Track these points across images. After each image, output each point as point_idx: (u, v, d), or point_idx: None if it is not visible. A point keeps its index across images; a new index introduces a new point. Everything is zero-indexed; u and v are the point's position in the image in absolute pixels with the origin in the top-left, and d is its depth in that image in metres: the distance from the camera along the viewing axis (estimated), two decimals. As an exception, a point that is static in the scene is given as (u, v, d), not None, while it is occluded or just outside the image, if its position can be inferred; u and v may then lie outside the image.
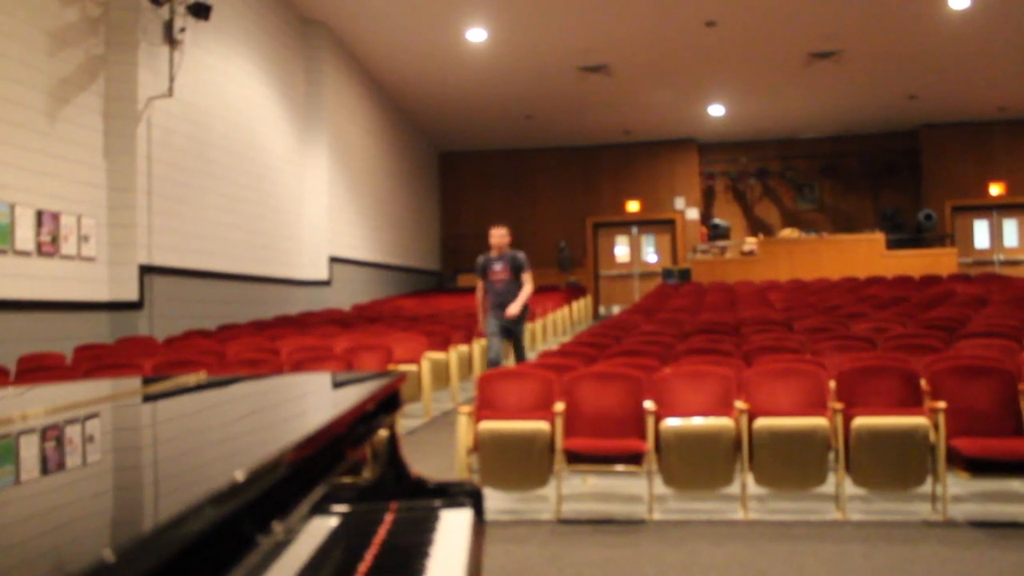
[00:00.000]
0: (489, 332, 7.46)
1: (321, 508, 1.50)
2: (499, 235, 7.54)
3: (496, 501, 4.71)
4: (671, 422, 4.44)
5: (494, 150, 20.00)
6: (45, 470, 1.26)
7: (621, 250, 20.03)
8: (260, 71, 11.36)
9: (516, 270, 7.49)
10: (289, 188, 12.24)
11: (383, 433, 2.04)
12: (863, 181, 19.27)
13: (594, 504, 4.78)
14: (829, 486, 4.42)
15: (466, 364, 8.57)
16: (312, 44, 12.78)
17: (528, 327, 10.98)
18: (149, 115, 8.76)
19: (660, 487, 4.53)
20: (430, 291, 17.61)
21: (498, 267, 7.50)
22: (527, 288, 7.45)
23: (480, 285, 7.65)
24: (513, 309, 7.38)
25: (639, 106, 16.82)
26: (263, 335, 8.60)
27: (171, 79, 8.99)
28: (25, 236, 7.39)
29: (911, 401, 4.66)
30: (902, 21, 12.60)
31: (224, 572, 1.02)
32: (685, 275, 16.24)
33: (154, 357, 6.85)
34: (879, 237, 16.02)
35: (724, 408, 4.61)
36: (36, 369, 6.56)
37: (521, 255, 7.56)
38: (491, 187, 19.93)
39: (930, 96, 16.36)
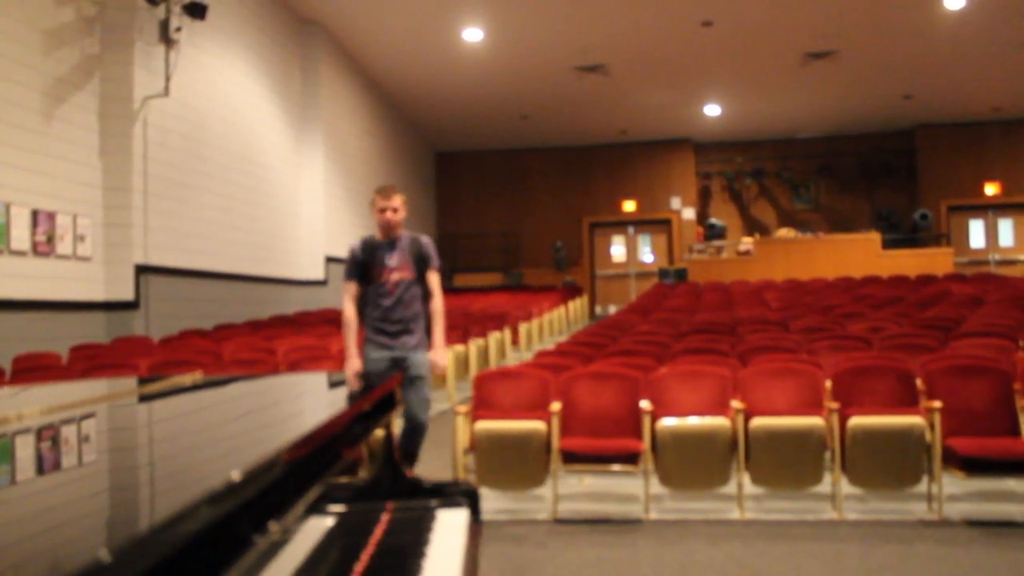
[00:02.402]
0: (369, 376, 4.06)
1: (317, 508, 1.50)
2: (392, 205, 4.40)
3: (492, 501, 4.71)
4: (667, 422, 4.44)
5: (490, 150, 20.00)
6: (41, 470, 1.26)
7: (617, 250, 20.04)
8: (256, 71, 11.34)
9: (420, 267, 4.46)
10: (285, 187, 12.22)
11: (379, 433, 2.04)
12: (859, 181, 19.31)
13: (590, 504, 4.78)
14: (825, 486, 4.43)
15: (462, 364, 8.57)
16: (308, 44, 12.76)
17: (524, 327, 10.94)
18: (145, 115, 8.74)
19: (656, 487, 4.53)
20: (426, 291, 17.57)
21: (392, 260, 4.42)
22: (439, 302, 4.47)
23: (350, 295, 4.45)
24: (439, 356, 4.44)
25: (635, 106, 16.83)
26: (259, 335, 8.59)
27: (167, 79, 8.97)
28: (21, 236, 7.37)
29: (907, 401, 4.67)
30: (898, 21, 12.62)
31: (221, 572, 1.02)
32: (681, 275, 16.25)
33: (150, 357, 6.83)
34: (875, 237, 16.06)
35: (720, 408, 4.61)
36: (32, 369, 6.55)
37: (426, 241, 4.55)
38: (487, 187, 19.92)
39: (926, 96, 16.40)
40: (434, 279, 4.50)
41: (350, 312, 4.43)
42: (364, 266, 4.45)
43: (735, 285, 13.26)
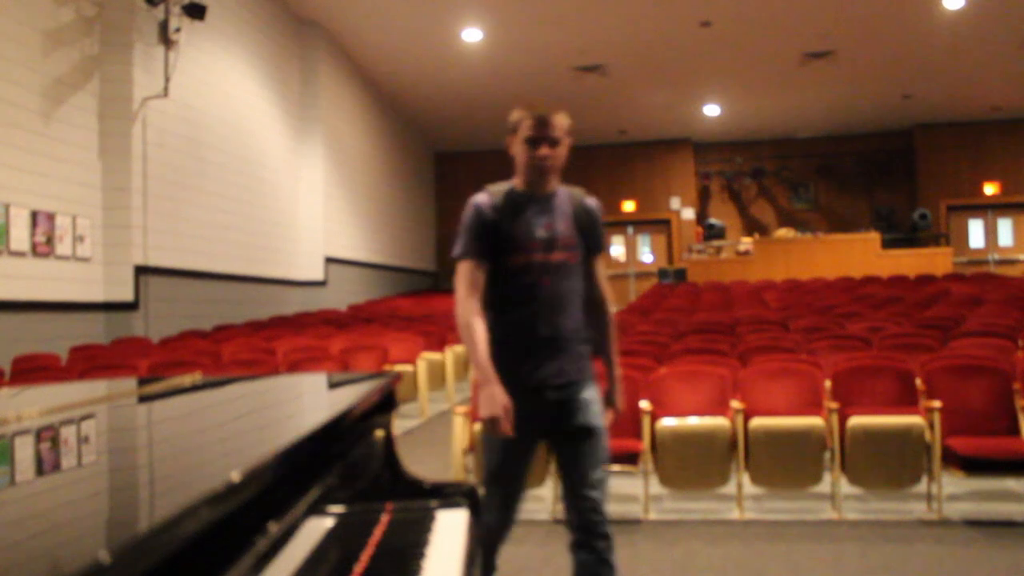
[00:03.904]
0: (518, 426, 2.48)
1: (317, 509, 1.50)
2: (551, 133, 2.73)
3: (492, 501, 4.70)
4: (667, 422, 4.44)
5: (490, 150, 19.89)
6: (41, 471, 1.26)
7: (617, 250, 20.04)
8: (256, 71, 11.34)
9: (591, 238, 2.68)
10: (285, 188, 12.22)
11: (379, 434, 2.04)
12: (858, 181, 19.31)
13: (590, 504, 4.77)
14: (825, 485, 4.43)
15: (462, 365, 8.57)
16: (307, 44, 12.76)
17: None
18: (144, 115, 8.73)
19: (656, 487, 4.53)
20: (425, 291, 17.60)
21: (549, 230, 2.62)
22: (610, 305, 2.71)
23: (474, 283, 2.53)
24: (621, 399, 2.71)
25: (634, 106, 16.83)
26: (259, 336, 8.59)
27: (166, 79, 8.97)
28: (20, 236, 7.37)
29: (906, 400, 4.66)
30: (896, 21, 12.62)
31: (220, 573, 1.02)
32: (681, 275, 16.24)
33: (149, 358, 6.83)
34: (874, 237, 16.06)
35: (720, 408, 4.61)
36: (31, 370, 6.54)
37: (594, 203, 2.81)
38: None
39: (924, 96, 16.40)
40: (602, 267, 2.72)
41: (473, 312, 2.50)
42: (498, 236, 2.58)
43: (734, 285, 13.26)
